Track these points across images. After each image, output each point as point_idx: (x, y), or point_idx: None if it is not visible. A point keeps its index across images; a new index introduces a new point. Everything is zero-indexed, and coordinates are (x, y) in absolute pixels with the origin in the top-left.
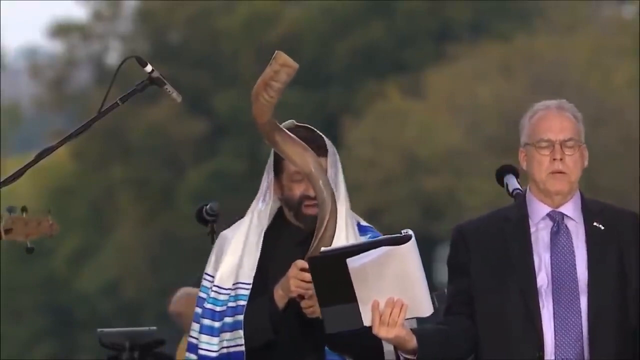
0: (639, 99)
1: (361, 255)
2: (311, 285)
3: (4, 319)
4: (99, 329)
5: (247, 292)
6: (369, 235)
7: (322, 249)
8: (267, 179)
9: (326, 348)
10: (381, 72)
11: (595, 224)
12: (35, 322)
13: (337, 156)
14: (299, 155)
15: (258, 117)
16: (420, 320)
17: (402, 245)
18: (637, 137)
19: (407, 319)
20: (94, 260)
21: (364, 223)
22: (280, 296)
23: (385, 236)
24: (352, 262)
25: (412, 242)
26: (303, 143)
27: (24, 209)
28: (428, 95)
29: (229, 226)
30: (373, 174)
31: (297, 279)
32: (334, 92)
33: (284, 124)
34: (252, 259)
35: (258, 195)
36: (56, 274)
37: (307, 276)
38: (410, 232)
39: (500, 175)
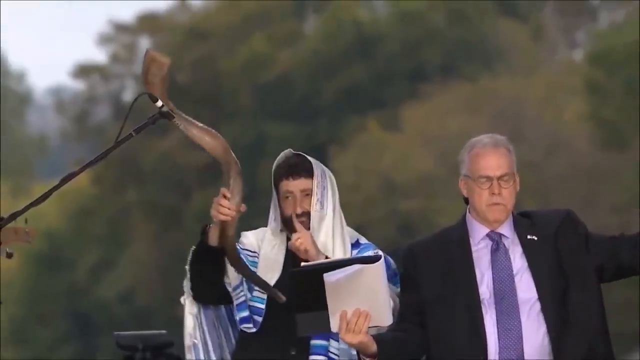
0: (587, 131)
1: (337, 270)
2: (231, 212)
3: (31, 324)
4: (115, 332)
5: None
6: (366, 251)
7: (303, 263)
8: (273, 198)
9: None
10: (363, 108)
11: (528, 237)
12: (59, 327)
13: (330, 179)
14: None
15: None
16: None
17: (374, 264)
18: (586, 164)
19: (370, 327)
20: (112, 271)
21: (364, 241)
22: (213, 229)
23: (358, 255)
24: (328, 277)
25: (382, 262)
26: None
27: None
28: (404, 128)
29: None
30: (356, 197)
31: (217, 204)
32: (322, 126)
33: (282, 152)
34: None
35: (270, 214)
36: (78, 283)
37: (225, 202)
38: (380, 252)
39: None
